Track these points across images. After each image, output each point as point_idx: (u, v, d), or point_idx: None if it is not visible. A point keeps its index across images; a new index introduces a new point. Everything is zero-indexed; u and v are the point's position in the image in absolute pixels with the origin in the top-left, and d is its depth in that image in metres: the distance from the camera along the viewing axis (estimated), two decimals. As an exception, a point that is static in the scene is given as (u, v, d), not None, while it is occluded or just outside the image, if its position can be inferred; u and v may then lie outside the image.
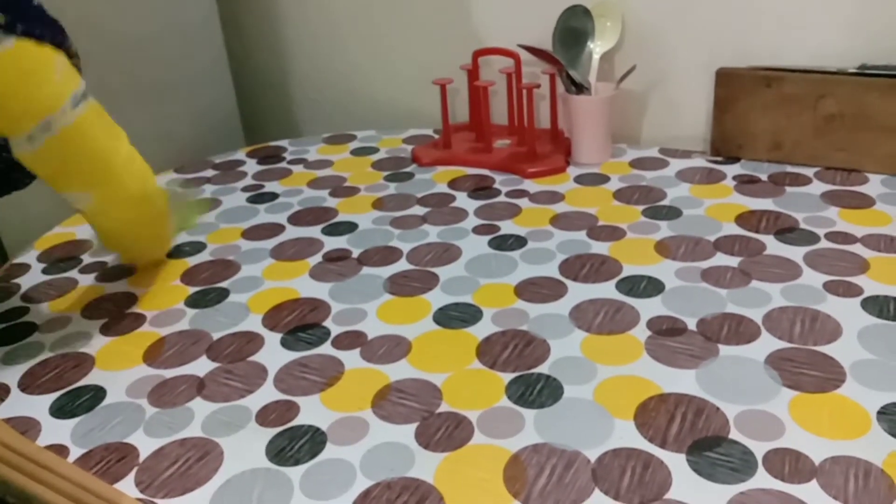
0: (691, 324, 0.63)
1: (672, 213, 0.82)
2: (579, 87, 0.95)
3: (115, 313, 0.71)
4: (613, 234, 0.79)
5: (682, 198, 0.85)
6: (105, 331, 0.69)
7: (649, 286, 0.69)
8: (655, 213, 0.82)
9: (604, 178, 0.92)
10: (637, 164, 0.96)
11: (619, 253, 0.75)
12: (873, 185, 0.85)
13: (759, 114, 0.91)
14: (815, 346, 0.59)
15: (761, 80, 0.89)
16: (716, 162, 0.94)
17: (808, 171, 0.89)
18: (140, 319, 0.70)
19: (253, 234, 0.85)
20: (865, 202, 0.81)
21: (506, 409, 0.55)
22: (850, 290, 0.65)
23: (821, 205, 0.81)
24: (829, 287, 0.66)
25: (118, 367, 0.63)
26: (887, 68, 0.84)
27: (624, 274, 0.71)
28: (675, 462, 0.49)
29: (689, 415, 0.53)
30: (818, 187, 0.85)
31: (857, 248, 0.72)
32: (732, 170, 0.91)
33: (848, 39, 0.87)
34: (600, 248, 0.76)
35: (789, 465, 0.48)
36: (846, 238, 0.74)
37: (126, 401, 0.59)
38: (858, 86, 0.85)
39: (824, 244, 0.73)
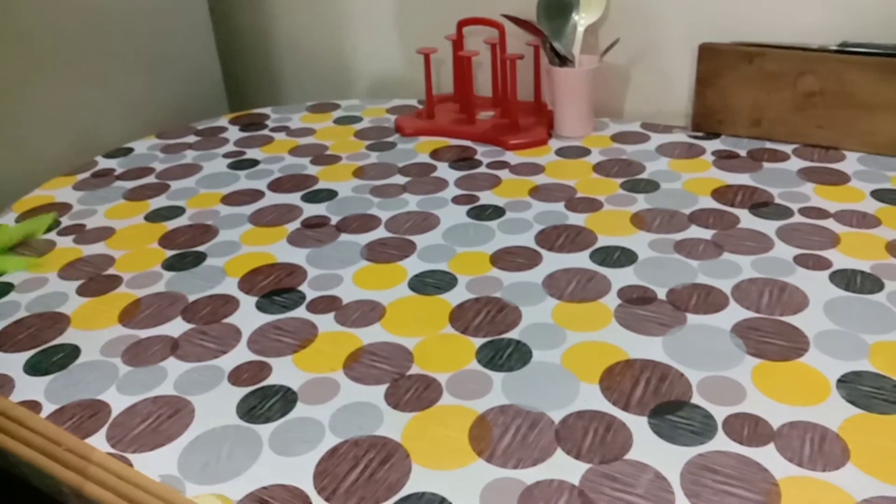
0: (661, 293, 0.64)
1: (650, 186, 0.83)
2: (563, 60, 0.95)
3: (93, 275, 0.72)
4: (591, 205, 0.79)
5: (660, 171, 0.86)
6: (82, 291, 0.69)
7: (622, 256, 0.69)
8: (633, 186, 0.83)
9: (585, 151, 0.93)
10: (618, 137, 0.96)
11: (596, 224, 0.75)
12: (850, 162, 0.85)
13: (740, 89, 0.91)
14: (782, 316, 0.60)
15: (743, 55, 0.90)
16: (696, 137, 0.94)
17: (787, 148, 0.89)
18: (117, 281, 0.70)
19: (232, 199, 0.85)
20: (841, 179, 0.82)
21: (475, 372, 0.56)
22: (820, 264, 0.66)
23: (797, 181, 0.82)
24: (800, 260, 0.67)
25: (93, 327, 0.64)
26: (868, 46, 0.85)
27: (598, 244, 0.72)
28: (637, 424, 0.50)
29: (654, 380, 0.54)
30: (796, 164, 0.86)
31: (830, 223, 0.73)
32: (712, 145, 0.92)
33: (830, 16, 0.87)
34: (577, 219, 0.77)
35: (748, 428, 0.49)
36: (819, 213, 0.75)
37: (100, 359, 0.60)
38: (839, 63, 0.85)
39: (798, 219, 0.74)
